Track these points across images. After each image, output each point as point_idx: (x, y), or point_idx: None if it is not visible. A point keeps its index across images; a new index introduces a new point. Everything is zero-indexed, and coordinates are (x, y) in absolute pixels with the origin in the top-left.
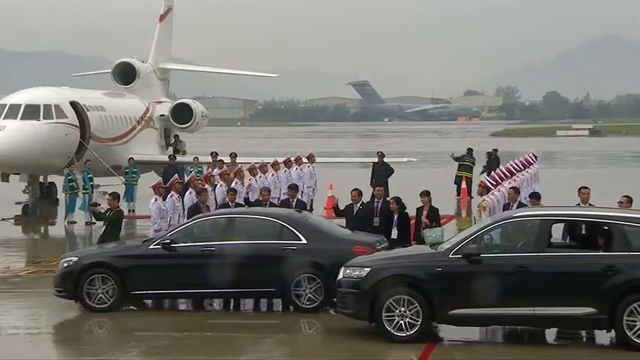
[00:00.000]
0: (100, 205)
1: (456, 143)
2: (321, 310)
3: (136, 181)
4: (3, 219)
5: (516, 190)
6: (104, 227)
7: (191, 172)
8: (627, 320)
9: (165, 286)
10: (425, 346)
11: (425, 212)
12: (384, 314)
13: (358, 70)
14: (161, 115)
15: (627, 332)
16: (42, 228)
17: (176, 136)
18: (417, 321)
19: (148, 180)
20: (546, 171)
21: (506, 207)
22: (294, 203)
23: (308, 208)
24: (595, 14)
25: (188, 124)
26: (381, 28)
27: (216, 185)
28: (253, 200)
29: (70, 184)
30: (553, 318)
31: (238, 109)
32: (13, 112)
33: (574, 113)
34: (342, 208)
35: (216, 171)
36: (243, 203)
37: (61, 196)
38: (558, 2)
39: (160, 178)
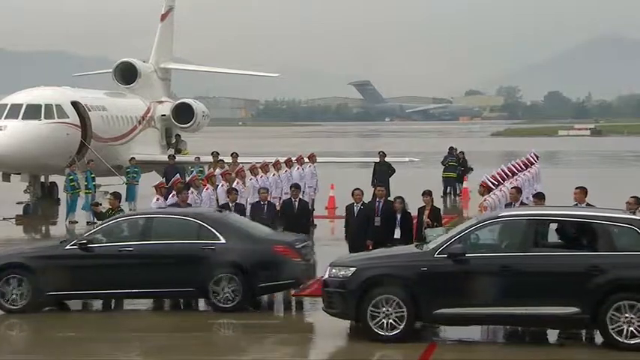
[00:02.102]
0: (101, 204)
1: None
2: (241, 310)
3: (137, 181)
4: (4, 219)
5: (518, 190)
6: None
7: (192, 171)
8: (610, 320)
9: (82, 287)
10: (426, 346)
11: (427, 212)
12: (369, 313)
13: (360, 70)
14: (162, 115)
15: (611, 332)
16: (43, 228)
17: (177, 136)
18: (402, 320)
19: (149, 180)
20: (547, 171)
21: (507, 207)
22: (296, 203)
23: (310, 207)
24: (597, 14)
25: (189, 124)
26: (382, 28)
27: (218, 185)
28: (253, 201)
29: (72, 183)
30: (537, 317)
31: (240, 108)
32: (14, 111)
33: (576, 113)
34: (343, 208)
35: (217, 171)
36: (243, 203)
37: (63, 195)
38: (560, 1)
39: (163, 179)
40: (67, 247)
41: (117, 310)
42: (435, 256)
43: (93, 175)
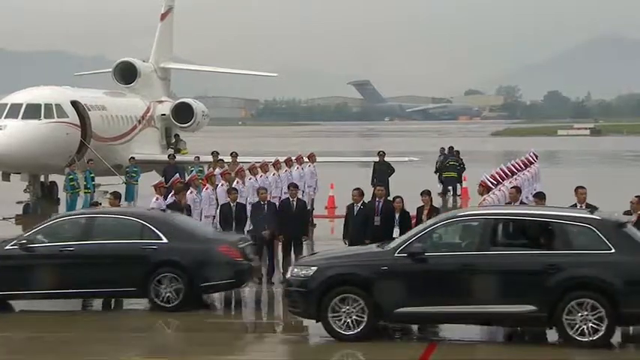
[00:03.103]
0: (100, 204)
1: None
2: (183, 309)
3: (137, 180)
4: (4, 218)
5: (518, 190)
6: None
7: (192, 171)
8: (567, 318)
9: (23, 287)
10: (425, 346)
11: (425, 211)
12: (330, 313)
13: (359, 70)
14: (162, 115)
15: (568, 330)
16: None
17: (176, 135)
18: (363, 319)
19: (149, 179)
20: (546, 170)
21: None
22: (294, 202)
23: (309, 207)
24: (596, 13)
25: (189, 124)
26: (382, 27)
27: (218, 185)
28: (253, 201)
29: (71, 183)
30: (496, 315)
31: (239, 108)
32: (14, 111)
33: (575, 113)
34: (343, 208)
35: (217, 170)
36: (244, 203)
37: (62, 195)
38: (560, 1)
39: (162, 178)
40: (7, 247)
41: (117, 310)
42: (396, 255)
43: (92, 175)
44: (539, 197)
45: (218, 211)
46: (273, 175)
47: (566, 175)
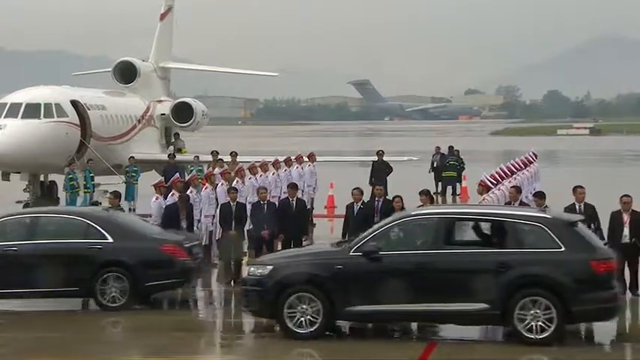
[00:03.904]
0: (100, 203)
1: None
2: (128, 309)
3: (136, 180)
4: None
5: (518, 189)
6: None
7: (192, 171)
8: (518, 315)
9: None
10: (425, 346)
11: None
12: (285, 311)
13: (359, 69)
14: (162, 114)
15: (519, 327)
16: None
17: (176, 135)
18: (318, 318)
19: (149, 179)
20: (546, 170)
21: (507, 206)
22: (294, 202)
23: (309, 207)
24: (596, 13)
25: (189, 123)
26: (381, 27)
27: (217, 184)
28: (253, 201)
29: (71, 182)
30: (449, 314)
31: (239, 108)
32: (13, 111)
33: (575, 112)
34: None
35: (217, 170)
36: (244, 202)
37: (62, 195)
38: (559, 1)
39: (162, 177)
40: None
41: (116, 310)
42: (350, 254)
43: (92, 175)
44: (539, 197)
45: (218, 210)
46: (273, 174)
47: (566, 174)
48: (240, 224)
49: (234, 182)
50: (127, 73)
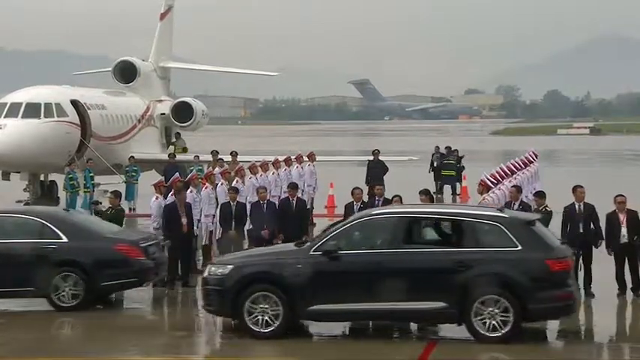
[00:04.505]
0: (101, 203)
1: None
2: (85, 309)
3: (136, 179)
4: None
5: (518, 189)
6: None
7: (191, 170)
8: (475, 314)
9: None
10: (425, 345)
11: None
12: (245, 311)
13: (359, 69)
14: (162, 114)
15: (476, 325)
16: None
17: (177, 134)
18: (278, 317)
19: (149, 178)
20: (546, 169)
21: (507, 205)
22: (294, 202)
23: (309, 206)
24: (596, 13)
25: (189, 123)
26: (381, 27)
27: (217, 184)
28: (253, 200)
29: (71, 182)
30: (408, 312)
31: (239, 107)
32: (13, 110)
33: (575, 112)
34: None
35: (217, 170)
36: (244, 202)
37: (62, 194)
38: (559, 1)
39: (162, 177)
40: None
41: (116, 310)
42: (311, 253)
43: (92, 174)
44: (539, 196)
45: (218, 210)
46: (273, 174)
47: (566, 174)
48: (240, 224)
49: (234, 182)
50: (127, 73)
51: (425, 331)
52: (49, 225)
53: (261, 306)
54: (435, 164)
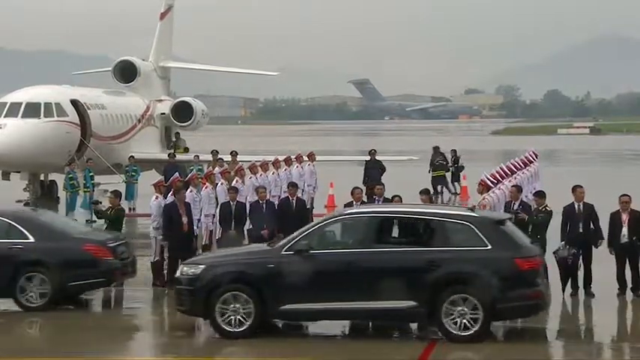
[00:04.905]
0: (101, 202)
1: (456, 142)
2: (50, 309)
3: (136, 179)
4: None
5: (519, 189)
6: (105, 225)
7: (191, 170)
8: (445, 313)
9: None
10: (425, 345)
11: None
12: (217, 310)
13: (359, 69)
14: (162, 114)
15: (446, 324)
16: None
17: (177, 134)
18: (250, 317)
19: (149, 178)
20: (546, 169)
21: (507, 205)
22: (294, 202)
23: (308, 206)
24: (596, 13)
25: (189, 123)
26: (381, 26)
27: (217, 184)
28: (252, 200)
29: (71, 182)
30: (378, 311)
31: (239, 107)
32: (13, 110)
33: (575, 112)
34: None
35: (217, 169)
36: (244, 202)
37: (62, 194)
38: (559, 1)
39: (162, 177)
40: None
41: (116, 310)
42: (282, 253)
43: (92, 174)
44: (539, 196)
45: (218, 210)
46: (273, 174)
47: (566, 174)
48: (240, 224)
49: (234, 182)
50: (127, 73)
51: (425, 331)
52: (15, 225)
53: (232, 306)
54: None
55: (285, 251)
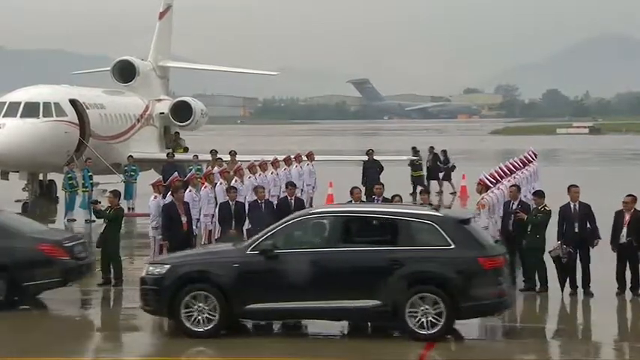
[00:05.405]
0: (100, 202)
1: (455, 141)
2: (5, 309)
3: (135, 179)
4: None
5: (519, 188)
6: (104, 225)
7: (190, 170)
8: (409, 312)
9: None
10: (424, 344)
11: None
12: (182, 310)
13: (359, 69)
14: (161, 113)
15: (409, 323)
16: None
17: (176, 134)
18: (215, 316)
19: (148, 178)
20: (546, 169)
21: (506, 204)
22: (293, 201)
23: (307, 206)
24: (595, 12)
25: (188, 122)
26: (381, 26)
27: (216, 183)
28: (251, 200)
29: (70, 182)
30: (343, 311)
31: (238, 107)
32: (12, 110)
33: (574, 111)
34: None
35: (216, 169)
36: (243, 202)
37: (61, 194)
38: (558, 1)
39: (160, 176)
40: None
41: (115, 309)
42: (247, 252)
43: (90, 174)
44: (538, 196)
45: (217, 209)
46: (272, 173)
47: (565, 173)
48: (239, 223)
49: (233, 181)
50: (126, 72)
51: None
52: None
53: (197, 305)
54: (428, 164)
55: (251, 251)
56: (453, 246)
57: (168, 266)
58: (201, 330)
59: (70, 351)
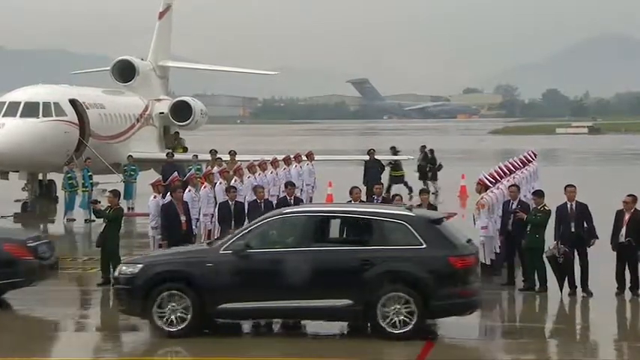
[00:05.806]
0: (99, 202)
1: (455, 141)
2: None
3: (135, 179)
4: (2, 217)
5: (518, 188)
6: (104, 225)
7: (190, 169)
8: (381, 311)
9: None
10: (423, 345)
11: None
12: (155, 309)
13: (358, 68)
14: (160, 113)
15: (381, 322)
16: (41, 226)
17: (176, 133)
18: (188, 315)
19: (148, 178)
20: (545, 169)
21: (506, 204)
22: (292, 201)
23: None
24: (595, 12)
25: (187, 122)
26: (380, 26)
27: (216, 183)
28: (251, 199)
29: (70, 181)
30: (315, 310)
31: (238, 107)
32: (12, 109)
33: (573, 111)
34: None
35: (215, 169)
36: (243, 201)
37: (61, 193)
38: (558, 0)
39: (160, 176)
40: None
41: (114, 309)
42: (220, 252)
43: (90, 174)
44: (538, 195)
45: (216, 209)
46: (272, 173)
47: (565, 173)
48: (239, 223)
49: (233, 181)
50: (125, 72)
51: (423, 331)
52: None
53: (170, 305)
54: (419, 164)
55: (223, 250)
56: (424, 245)
57: (140, 266)
58: (174, 330)
59: (70, 351)
